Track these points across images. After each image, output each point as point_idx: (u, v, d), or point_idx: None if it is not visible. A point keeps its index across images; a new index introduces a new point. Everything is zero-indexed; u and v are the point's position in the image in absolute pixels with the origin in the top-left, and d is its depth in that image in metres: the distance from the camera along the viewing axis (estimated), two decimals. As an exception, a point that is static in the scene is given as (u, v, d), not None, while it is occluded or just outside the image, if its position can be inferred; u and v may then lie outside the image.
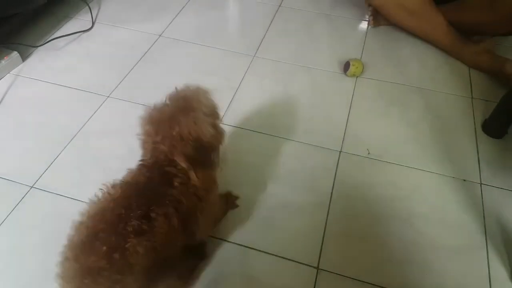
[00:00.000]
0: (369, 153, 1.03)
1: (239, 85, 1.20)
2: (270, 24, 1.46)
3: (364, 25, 1.47)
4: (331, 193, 0.94)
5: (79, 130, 1.04)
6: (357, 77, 1.25)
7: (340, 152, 1.03)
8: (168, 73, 1.23)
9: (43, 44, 1.28)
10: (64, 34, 1.32)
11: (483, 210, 0.92)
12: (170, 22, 1.43)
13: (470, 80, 1.26)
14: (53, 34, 1.33)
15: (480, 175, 0.99)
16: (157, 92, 0.65)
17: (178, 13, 1.47)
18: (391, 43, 1.39)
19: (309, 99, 1.18)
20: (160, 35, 1.37)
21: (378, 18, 1.42)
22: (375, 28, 1.45)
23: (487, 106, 1.15)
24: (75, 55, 1.27)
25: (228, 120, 1.08)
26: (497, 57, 1.24)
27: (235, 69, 1.26)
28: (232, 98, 1.16)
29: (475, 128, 1.11)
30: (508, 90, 1.04)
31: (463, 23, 1.29)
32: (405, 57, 1.34)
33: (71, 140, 1.01)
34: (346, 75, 1.24)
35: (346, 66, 1.24)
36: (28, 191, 0.90)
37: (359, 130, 1.09)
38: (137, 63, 1.25)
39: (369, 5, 1.42)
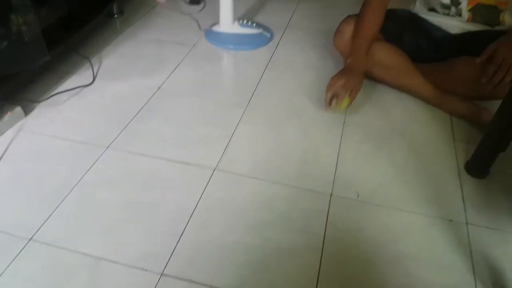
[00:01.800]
0: (358, 195, 1.08)
1: (233, 133, 1.26)
2: (262, 75, 1.54)
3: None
4: (324, 236, 0.97)
5: (78, 182, 1.08)
6: (343, 108, 1.32)
7: (331, 195, 1.07)
8: (165, 124, 1.29)
9: (46, 99, 1.35)
10: (66, 89, 1.39)
11: (470, 249, 0.96)
12: (168, 76, 1.51)
13: (452, 124, 1.33)
14: (55, 89, 1.40)
15: (465, 215, 1.03)
16: (155, 142, 0.69)
17: (176, 68, 1.56)
18: (375, 91, 1.47)
19: (300, 144, 1.23)
20: (158, 88, 1.44)
21: None
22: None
23: (468, 148, 1.21)
24: (75, 109, 1.34)
25: (223, 168, 1.13)
26: (474, 106, 1.32)
27: (230, 118, 1.32)
28: (227, 146, 1.21)
29: (458, 170, 1.17)
30: (485, 134, 1.11)
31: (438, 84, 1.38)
32: (388, 103, 1.42)
33: (70, 192, 1.05)
34: (332, 107, 1.31)
35: (331, 98, 1.30)
36: (27, 243, 0.92)
37: (349, 173, 1.14)
38: (136, 115, 1.31)
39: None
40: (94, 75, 1.48)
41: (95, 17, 1.57)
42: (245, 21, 1.77)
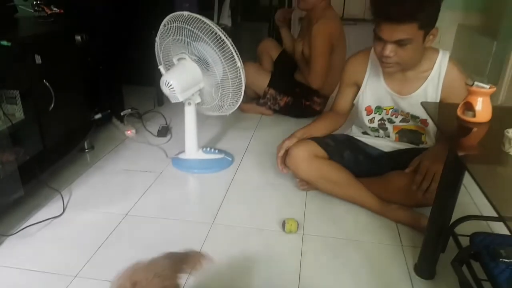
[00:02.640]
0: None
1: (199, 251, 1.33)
2: (225, 195, 1.67)
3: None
4: None
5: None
6: (294, 232, 1.43)
7: (293, 307, 1.13)
8: (132, 249, 1.35)
9: (16, 232, 1.40)
10: (36, 222, 1.45)
11: None
12: (136, 203, 1.61)
13: (398, 230, 1.47)
14: (25, 222, 1.46)
15: (418, 316, 1.11)
16: (122, 267, 0.77)
17: (143, 194, 1.67)
18: (327, 203, 1.61)
19: (263, 258, 1.31)
20: (126, 215, 1.53)
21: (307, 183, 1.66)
22: (312, 191, 1.68)
23: (415, 251, 1.33)
24: (45, 240, 1.39)
25: (190, 286, 1.18)
26: (414, 213, 1.47)
27: (196, 238, 1.41)
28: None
29: (408, 272, 1.27)
30: (424, 239, 1.24)
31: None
32: (340, 214, 1.55)
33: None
34: (285, 232, 1.43)
35: (283, 225, 1.44)
36: None
37: (311, 283, 1.21)
38: (103, 242, 1.38)
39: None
40: (64, 206, 1.55)
41: (67, 153, 1.70)
42: (208, 148, 1.95)
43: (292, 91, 2.43)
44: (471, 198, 1.62)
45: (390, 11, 1.21)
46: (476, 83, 1.07)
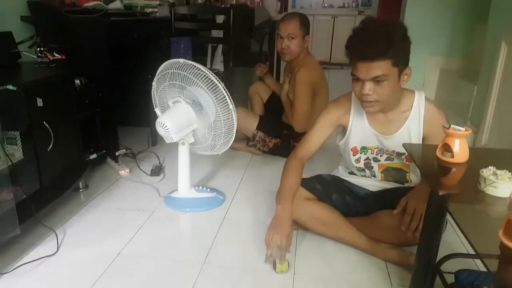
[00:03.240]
0: None
1: (191, 291, 1.35)
2: (217, 233, 1.70)
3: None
4: None
5: None
6: (285, 272, 1.45)
7: None
8: (125, 287, 1.36)
9: (10, 271, 1.41)
10: (30, 260, 1.47)
11: None
12: (129, 241, 1.63)
13: (388, 270, 1.50)
14: (20, 260, 1.48)
15: None
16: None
17: (136, 232, 1.70)
18: (317, 242, 1.64)
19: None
20: (118, 253, 1.55)
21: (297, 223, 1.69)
22: (302, 231, 1.72)
23: (403, 290, 1.36)
24: (39, 278, 1.40)
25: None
26: (403, 252, 1.51)
27: (188, 276, 1.43)
28: (185, 305, 1.29)
29: (397, 311, 1.30)
30: (411, 278, 1.28)
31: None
32: (331, 254, 1.59)
33: None
34: (276, 271, 1.45)
35: (274, 265, 1.46)
36: None
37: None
38: (96, 281, 1.39)
39: None
40: (58, 245, 1.57)
41: (63, 192, 1.73)
42: (200, 187, 2.00)
43: (280, 133, 2.51)
44: (458, 237, 1.67)
45: (363, 51, 1.31)
46: (452, 126, 1.15)
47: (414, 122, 1.49)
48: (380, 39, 1.29)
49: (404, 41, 1.33)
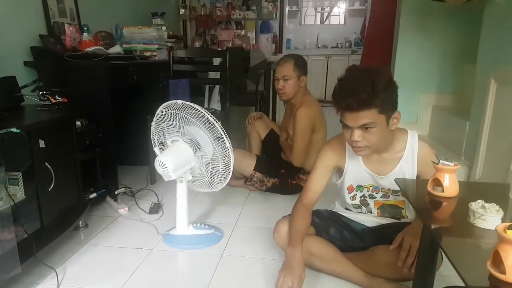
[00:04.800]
0: None
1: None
2: (215, 270, 1.71)
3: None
4: None
5: None
6: None
7: None
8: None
9: (8, 311, 1.41)
10: (29, 300, 1.47)
11: None
12: (127, 280, 1.64)
13: (385, 304, 1.51)
14: (18, 301, 1.48)
15: None
16: None
17: (134, 271, 1.70)
18: (315, 278, 1.64)
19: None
20: (117, 293, 1.55)
21: None
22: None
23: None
24: (37, 319, 1.40)
25: None
26: (400, 287, 1.52)
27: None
28: None
29: None
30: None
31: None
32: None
33: None
34: None
35: None
36: None
37: None
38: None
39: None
40: (59, 283, 1.58)
41: (63, 231, 1.75)
42: (198, 224, 2.02)
43: (278, 173, 2.55)
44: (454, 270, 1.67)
45: (348, 102, 1.34)
46: (441, 161, 1.19)
47: (408, 162, 1.53)
48: (364, 90, 1.32)
49: (389, 88, 1.36)
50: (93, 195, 2.17)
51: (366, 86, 1.32)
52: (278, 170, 2.55)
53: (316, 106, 2.52)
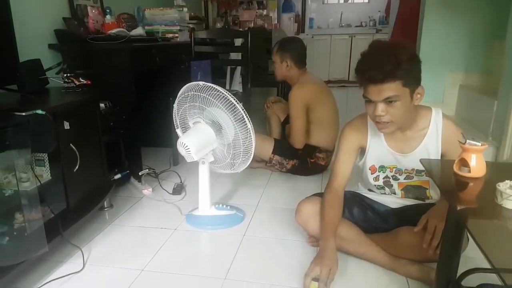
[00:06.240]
0: None
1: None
2: (237, 251, 1.73)
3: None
4: None
5: None
6: None
7: None
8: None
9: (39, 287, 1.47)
10: (58, 277, 1.52)
11: None
12: (151, 259, 1.67)
13: (408, 286, 1.49)
14: (47, 277, 1.54)
15: None
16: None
17: (158, 250, 1.74)
18: (339, 259, 1.61)
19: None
20: (142, 270, 1.59)
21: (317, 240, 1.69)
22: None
23: (425, 306, 1.35)
24: (66, 295, 1.45)
25: None
26: (424, 268, 1.50)
27: (208, 294, 1.46)
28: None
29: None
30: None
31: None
32: (351, 270, 1.58)
33: None
34: None
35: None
36: None
37: None
38: (121, 297, 1.43)
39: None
40: (84, 262, 1.63)
41: (89, 211, 1.80)
42: (220, 205, 2.04)
43: (296, 154, 2.54)
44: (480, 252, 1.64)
45: (372, 75, 1.33)
46: (468, 141, 1.15)
47: (432, 140, 1.50)
48: (388, 61, 1.31)
49: (412, 61, 1.35)
50: (118, 176, 2.21)
51: (390, 58, 1.31)
52: (296, 151, 2.54)
53: (310, 85, 2.51)
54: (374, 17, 6.90)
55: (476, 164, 1.14)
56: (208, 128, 1.85)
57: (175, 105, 1.93)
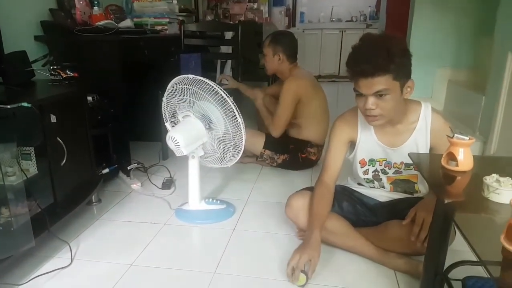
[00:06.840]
0: None
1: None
2: (227, 245, 1.72)
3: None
4: None
5: None
6: (302, 285, 1.45)
7: None
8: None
9: (25, 283, 1.45)
10: (45, 272, 1.51)
11: None
12: (140, 253, 1.66)
13: (397, 279, 1.50)
14: (35, 272, 1.52)
15: None
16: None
17: (147, 245, 1.73)
18: (326, 253, 1.64)
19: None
20: (131, 265, 1.58)
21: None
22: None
23: (412, 299, 1.36)
24: (52, 290, 1.44)
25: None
26: (412, 261, 1.51)
27: (198, 286, 1.45)
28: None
29: (406, 320, 1.30)
30: (420, 286, 1.29)
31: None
32: (340, 263, 1.60)
33: None
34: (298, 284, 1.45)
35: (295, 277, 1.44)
36: None
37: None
38: (110, 291, 1.42)
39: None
40: (72, 257, 1.61)
41: (76, 206, 1.78)
42: (210, 199, 2.03)
43: (287, 148, 2.54)
44: (467, 245, 1.66)
45: (363, 68, 1.33)
46: (456, 135, 1.16)
47: (421, 134, 1.51)
48: (379, 55, 1.31)
49: (403, 55, 1.35)
50: (106, 170, 2.19)
51: (381, 52, 1.32)
52: (287, 146, 2.54)
53: (303, 80, 2.51)
54: (365, 12, 6.91)
55: (464, 158, 1.15)
56: (198, 122, 1.84)
57: (164, 99, 1.91)
